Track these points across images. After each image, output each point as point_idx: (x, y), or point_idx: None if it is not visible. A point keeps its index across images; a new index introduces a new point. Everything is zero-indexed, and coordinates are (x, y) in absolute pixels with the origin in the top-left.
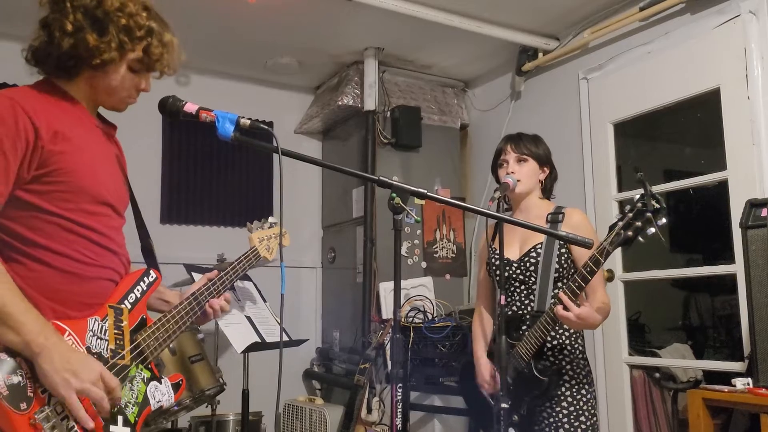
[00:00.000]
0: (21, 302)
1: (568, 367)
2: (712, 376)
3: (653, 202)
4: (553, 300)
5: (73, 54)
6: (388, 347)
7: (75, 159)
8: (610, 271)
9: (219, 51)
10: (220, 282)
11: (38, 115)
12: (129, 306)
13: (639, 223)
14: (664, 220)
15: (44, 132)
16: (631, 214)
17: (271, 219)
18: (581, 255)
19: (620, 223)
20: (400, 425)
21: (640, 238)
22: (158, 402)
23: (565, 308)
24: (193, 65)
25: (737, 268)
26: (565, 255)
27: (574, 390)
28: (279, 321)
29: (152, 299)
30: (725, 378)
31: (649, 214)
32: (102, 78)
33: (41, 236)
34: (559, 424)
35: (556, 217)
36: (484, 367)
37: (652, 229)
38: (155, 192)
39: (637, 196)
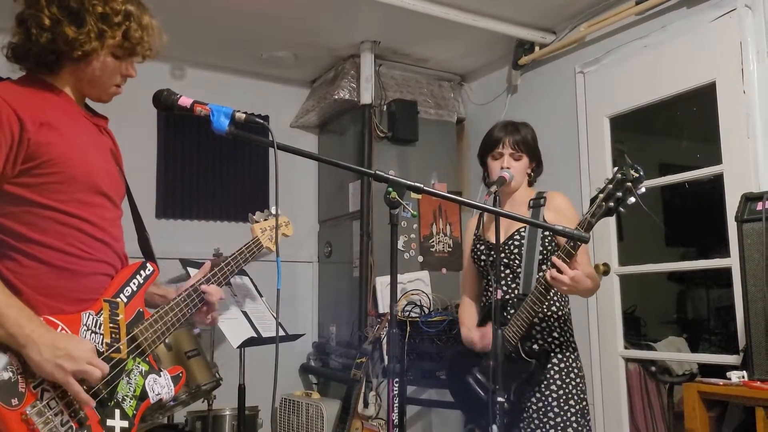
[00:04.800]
0: (3, 295)
1: (557, 350)
2: (707, 369)
3: (632, 172)
4: (541, 273)
5: (52, 49)
6: (384, 341)
7: (64, 148)
8: (606, 264)
9: (214, 44)
10: (221, 272)
11: (23, 107)
12: (125, 299)
13: (620, 194)
14: (643, 189)
15: (30, 124)
16: (611, 186)
17: (273, 209)
18: None
19: (601, 195)
20: (396, 419)
21: (622, 209)
22: (157, 395)
23: (559, 272)
24: (188, 58)
25: (732, 261)
26: (549, 237)
27: (563, 374)
28: (275, 316)
29: (149, 294)
30: (720, 370)
31: (629, 184)
32: (85, 69)
33: (34, 231)
34: (548, 408)
35: (537, 202)
36: (471, 330)
37: (633, 199)
38: (150, 186)
39: (616, 168)
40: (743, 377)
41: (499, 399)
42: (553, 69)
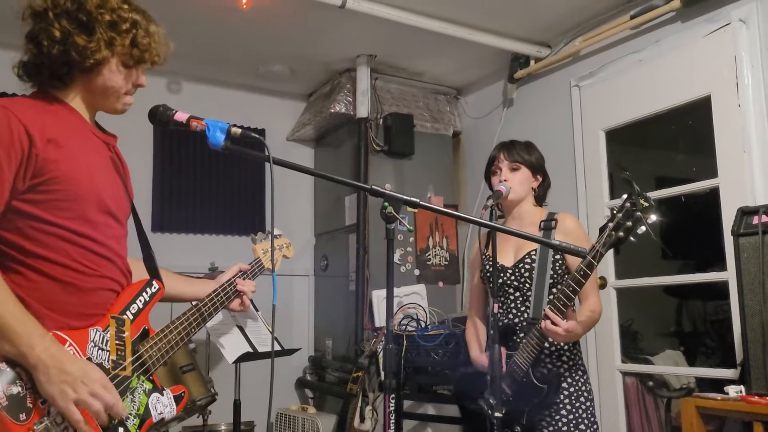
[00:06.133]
0: (18, 313)
1: (567, 374)
2: (704, 382)
3: (642, 201)
4: (551, 297)
5: (65, 60)
6: (381, 355)
7: (71, 166)
8: (602, 278)
9: (211, 58)
10: (224, 293)
11: (32, 123)
12: (131, 317)
13: (629, 223)
14: (653, 218)
15: (38, 140)
16: (620, 215)
17: (275, 230)
18: (575, 261)
19: (610, 225)
20: None
21: (632, 238)
22: (160, 414)
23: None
24: (184, 72)
25: (729, 275)
26: (560, 261)
27: (572, 398)
28: (271, 330)
29: (184, 289)
30: (718, 384)
31: (638, 213)
32: (96, 79)
33: (39, 246)
34: None
35: (549, 224)
36: (481, 356)
37: (643, 228)
38: (146, 200)
39: (625, 196)
40: (741, 391)
41: (497, 414)
42: (548, 83)
